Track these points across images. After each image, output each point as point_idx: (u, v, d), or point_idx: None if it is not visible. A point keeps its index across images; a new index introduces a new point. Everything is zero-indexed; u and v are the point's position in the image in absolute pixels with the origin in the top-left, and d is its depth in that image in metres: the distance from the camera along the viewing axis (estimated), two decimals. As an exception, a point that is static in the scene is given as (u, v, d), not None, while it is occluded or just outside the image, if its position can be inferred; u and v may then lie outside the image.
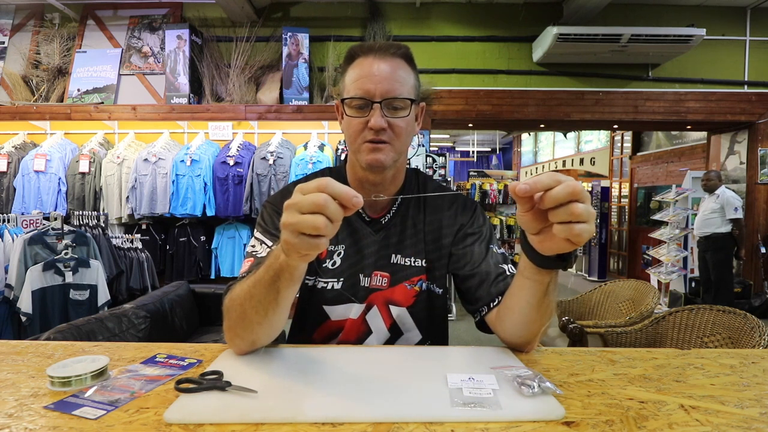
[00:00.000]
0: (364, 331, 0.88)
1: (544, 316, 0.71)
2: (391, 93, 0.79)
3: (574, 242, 0.54)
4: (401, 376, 0.64)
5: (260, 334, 0.70)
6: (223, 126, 3.98)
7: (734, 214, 4.09)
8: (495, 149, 14.15)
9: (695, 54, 4.44)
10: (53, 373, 0.58)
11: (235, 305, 0.69)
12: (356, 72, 0.81)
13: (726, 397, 0.58)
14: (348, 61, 0.85)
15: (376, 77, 0.79)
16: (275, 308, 0.66)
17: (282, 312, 0.68)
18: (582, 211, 0.52)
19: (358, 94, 0.79)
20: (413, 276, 0.89)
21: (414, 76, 0.85)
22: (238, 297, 0.69)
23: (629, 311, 2.07)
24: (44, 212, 3.19)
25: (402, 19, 4.53)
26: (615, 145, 7.85)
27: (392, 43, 0.84)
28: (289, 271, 0.61)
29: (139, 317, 1.89)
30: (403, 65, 0.83)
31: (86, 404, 0.54)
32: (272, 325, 0.69)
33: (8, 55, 4.46)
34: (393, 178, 0.89)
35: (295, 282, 0.64)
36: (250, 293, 0.66)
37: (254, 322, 0.67)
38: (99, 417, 0.51)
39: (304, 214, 0.51)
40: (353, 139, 0.82)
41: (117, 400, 0.55)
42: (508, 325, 0.76)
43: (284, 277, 0.62)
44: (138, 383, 0.60)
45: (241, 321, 0.68)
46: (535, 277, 0.67)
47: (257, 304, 0.65)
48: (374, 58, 0.81)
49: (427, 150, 4.20)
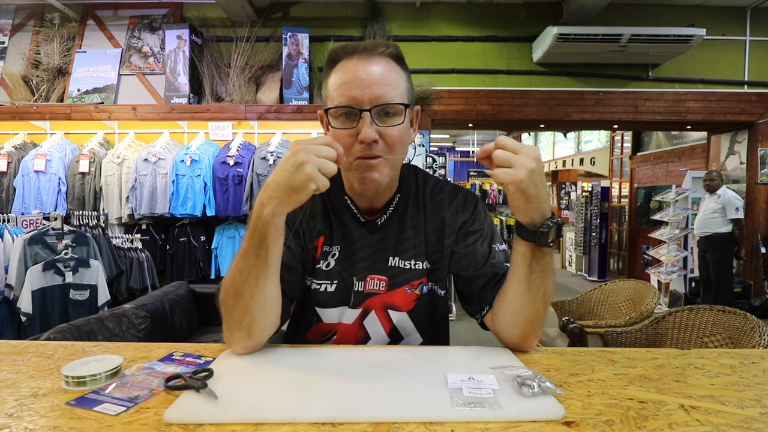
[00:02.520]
0: (362, 337, 0.85)
1: (536, 299, 0.71)
2: (381, 99, 0.71)
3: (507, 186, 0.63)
4: (401, 376, 0.64)
5: (256, 313, 0.69)
6: (223, 126, 3.98)
7: (735, 214, 4.09)
8: (495, 149, 14.13)
9: (695, 54, 4.44)
10: (68, 372, 0.59)
11: (227, 290, 0.70)
12: (340, 77, 0.73)
13: (726, 397, 0.58)
14: (330, 65, 0.77)
15: (364, 81, 0.71)
16: (266, 272, 0.68)
17: (272, 279, 0.70)
18: (500, 156, 0.63)
19: (343, 102, 0.72)
20: (414, 279, 0.85)
21: (406, 77, 0.77)
22: (228, 281, 0.70)
23: (629, 311, 2.07)
24: (44, 212, 3.19)
25: (402, 19, 4.53)
26: (615, 145, 7.85)
27: (379, 41, 0.76)
28: (274, 224, 0.65)
29: (139, 317, 1.89)
30: (393, 66, 0.75)
31: (107, 401, 0.55)
32: (266, 299, 0.70)
33: (8, 55, 4.45)
34: (388, 186, 0.83)
35: (281, 234, 0.68)
36: (238, 269, 0.68)
37: (247, 296, 0.68)
38: (119, 413, 0.52)
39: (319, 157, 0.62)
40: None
41: (137, 397, 0.56)
42: (502, 313, 0.76)
43: (270, 232, 0.66)
44: (156, 380, 0.61)
45: (236, 301, 0.69)
46: (517, 248, 0.71)
47: (248, 275, 0.68)
48: (359, 59, 0.73)
49: (427, 150, 4.20)
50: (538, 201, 0.65)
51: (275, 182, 0.64)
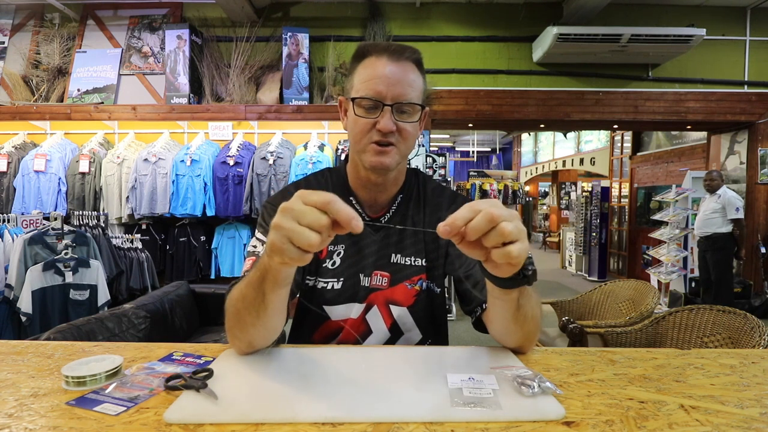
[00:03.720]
0: (364, 331, 0.88)
1: (524, 325, 0.70)
2: (402, 97, 0.79)
3: (512, 263, 0.53)
4: (401, 376, 0.64)
5: (255, 336, 0.69)
6: (223, 126, 3.98)
7: (736, 214, 4.09)
8: (495, 149, 14.16)
9: (695, 54, 4.44)
10: (68, 372, 0.59)
11: (231, 305, 0.69)
12: (368, 72, 0.80)
13: (726, 397, 0.58)
14: (358, 59, 0.84)
15: (389, 80, 0.78)
16: (264, 310, 0.64)
17: (273, 315, 0.66)
18: (510, 230, 0.51)
19: (369, 95, 0.79)
20: (413, 275, 0.89)
21: (423, 81, 0.85)
22: (234, 297, 0.69)
23: (629, 311, 2.08)
24: (44, 212, 3.19)
25: (402, 19, 4.53)
26: (615, 145, 7.85)
27: (406, 46, 0.83)
28: (273, 274, 0.58)
29: (139, 317, 1.89)
30: (414, 70, 0.83)
31: (107, 401, 0.55)
32: (266, 327, 0.68)
33: (8, 55, 4.46)
34: (394, 179, 0.90)
35: (280, 286, 0.61)
36: (242, 294, 0.66)
37: (248, 323, 0.66)
38: (119, 413, 0.52)
39: (301, 225, 0.50)
40: (359, 138, 0.82)
41: (136, 397, 0.56)
42: (494, 333, 0.78)
43: (268, 280, 0.60)
44: (156, 380, 0.61)
45: (237, 322, 0.68)
46: (503, 297, 0.66)
47: (249, 305, 0.65)
48: (388, 59, 0.80)
49: (427, 150, 4.20)
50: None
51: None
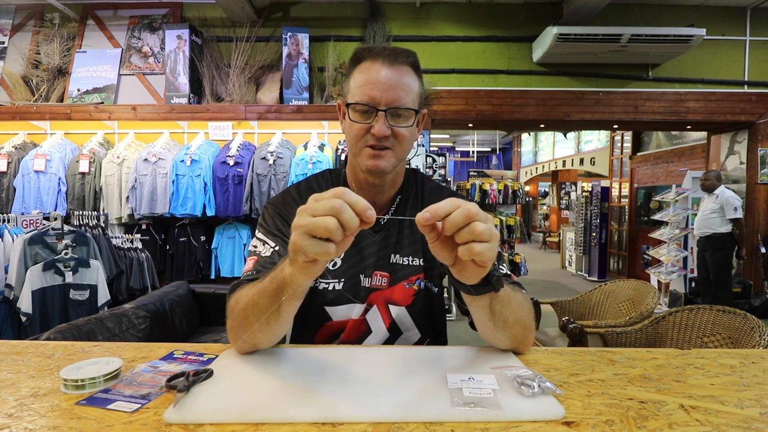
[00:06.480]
0: (364, 331, 0.89)
1: (507, 329, 0.71)
2: (396, 102, 0.79)
3: (478, 263, 0.55)
4: (401, 376, 0.64)
5: (261, 340, 0.71)
6: (223, 126, 3.98)
7: (734, 214, 4.09)
8: (495, 149, 14.17)
9: (695, 54, 4.44)
10: (66, 375, 0.59)
11: (239, 309, 0.69)
12: (363, 77, 0.80)
13: (726, 397, 0.58)
14: (354, 63, 0.84)
15: (383, 85, 0.78)
16: (276, 319, 0.66)
17: (284, 322, 0.68)
18: (482, 230, 0.52)
19: (363, 100, 0.79)
20: (411, 275, 0.90)
21: (419, 84, 0.85)
22: (242, 302, 0.69)
23: (629, 311, 2.08)
24: (44, 212, 3.19)
25: (402, 19, 4.53)
26: (615, 145, 7.85)
27: (401, 49, 0.83)
28: (293, 287, 0.61)
29: (139, 317, 1.89)
30: (410, 73, 0.82)
31: (107, 401, 0.55)
32: (274, 333, 0.70)
33: (8, 55, 4.45)
34: (392, 181, 0.90)
35: (298, 298, 0.64)
36: (253, 301, 0.67)
37: (255, 329, 0.67)
38: (135, 410, 0.53)
39: (316, 217, 0.51)
40: (354, 142, 0.82)
41: (148, 394, 0.57)
42: (482, 336, 0.77)
43: (287, 291, 0.61)
44: (164, 378, 0.61)
45: (243, 326, 0.68)
46: (474, 303, 0.68)
47: (259, 312, 0.66)
48: (382, 64, 0.80)
49: (427, 150, 4.20)
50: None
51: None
